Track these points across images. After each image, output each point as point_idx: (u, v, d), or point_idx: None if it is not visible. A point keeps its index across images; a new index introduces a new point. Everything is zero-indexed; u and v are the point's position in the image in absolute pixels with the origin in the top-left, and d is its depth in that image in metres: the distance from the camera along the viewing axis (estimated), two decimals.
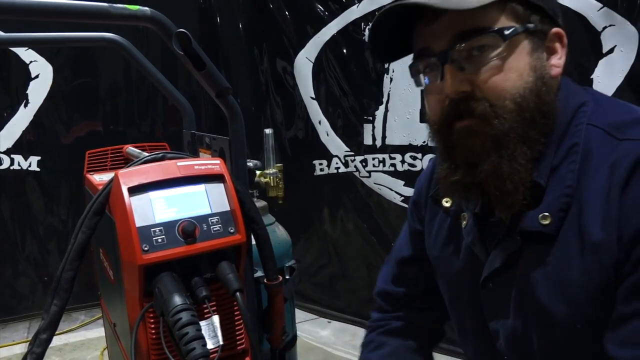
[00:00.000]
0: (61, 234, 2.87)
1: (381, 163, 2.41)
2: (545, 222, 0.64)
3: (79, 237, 0.86)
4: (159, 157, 0.96)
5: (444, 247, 0.83)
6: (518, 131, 0.64)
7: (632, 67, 1.63)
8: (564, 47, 0.68)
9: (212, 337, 0.85)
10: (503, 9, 0.64)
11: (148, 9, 0.90)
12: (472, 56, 0.64)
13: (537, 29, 0.65)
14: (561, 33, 0.68)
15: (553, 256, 0.65)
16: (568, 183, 0.64)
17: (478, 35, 0.63)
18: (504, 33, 0.63)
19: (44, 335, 0.83)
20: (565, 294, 0.64)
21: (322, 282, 2.82)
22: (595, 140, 0.64)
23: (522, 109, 0.64)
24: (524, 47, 0.64)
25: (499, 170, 0.64)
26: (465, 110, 0.65)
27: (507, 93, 0.63)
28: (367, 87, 2.42)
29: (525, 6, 0.65)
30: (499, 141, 0.64)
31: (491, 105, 0.64)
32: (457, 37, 0.64)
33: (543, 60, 0.66)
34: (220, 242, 0.86)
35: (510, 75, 0.64)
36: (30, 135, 2.76)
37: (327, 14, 2.51)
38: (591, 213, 0.62)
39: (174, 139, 2.45)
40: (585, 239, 0.62)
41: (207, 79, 0.93)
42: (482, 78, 0.64)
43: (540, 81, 0.65)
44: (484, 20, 0.63)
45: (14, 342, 2.64)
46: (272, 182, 1.56)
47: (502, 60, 0.63)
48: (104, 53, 2.84)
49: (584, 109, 0.67)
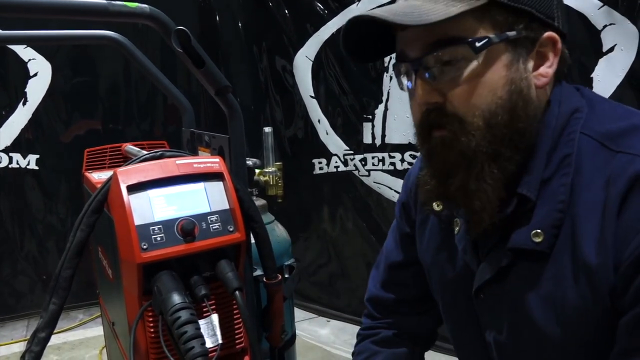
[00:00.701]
0: (60, 232, 2.87)
1: (381, 162, 2.41)
2: (537, 240, 0.61)
3: (78, 236, 0.86)
4: (158, 155, 0.96)
5: (438, 253, 0.79)
6: (486, 149, 0.60)
7: (633, 66, 1.63)
8: (556, 53, 0.63)
9: (211, 336, 0.85)
10: (481, 18, 0.59)
11: (147, 6, 0.90)
12: (443, 67, 0.61)
13: (520, 36, 0.60)
14: (554, 38, 0.62)
15: (546, 276, 0.62)
16: (560, 198, 0.60)
17: (448, 46, 0.59)
18: (476, 45, 0.58)
19: (43, 334, 0.83)
20: (560, 316, 0.61)
21: (322, 281, 2.82)
22: (588, 152, 0.60)
23: (491, 127, 0.60)
24: (501, 58, 0.60)
25: (467, 186, 0.62)
26: (436, 122, 0.63)
27: (477, 109, 0.60)
28: (366, 85, 2.42)
29: (507, 12, 0.59)
30: (467, 159, 0.61)
31: (460, 121, 0.60)
32: (428, 47, 0.61)
33: (524, 71, 0.61)
34: (220, 240, 0.86)
35: (481, 90, 0.59)
36: (29, 134, 2.76)
37: (327, 12, 2.51)
38: (585, 231, 0.58)
39: (174, 137, 2.45)
40: (578, 259, 0.59)
41: (207, 77, 0.93)
42: (453, 92, 0.61)
43: (516, 95, 0.60)
44: (458, 30, 0.59)
45: (12, 340, 2.64)
46: (271, 180, 1.56)
47: (473, 73, 0.59)
48: (103, 51, 2.84)
49: (577, 115, 0.63)
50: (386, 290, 0.92)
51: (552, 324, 0.62)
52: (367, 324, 0.96)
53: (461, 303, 0.76)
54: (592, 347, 0.61)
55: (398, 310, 0.92)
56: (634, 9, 1.60)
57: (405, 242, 0.89)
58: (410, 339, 0.92)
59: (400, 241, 0.90)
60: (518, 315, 0.66)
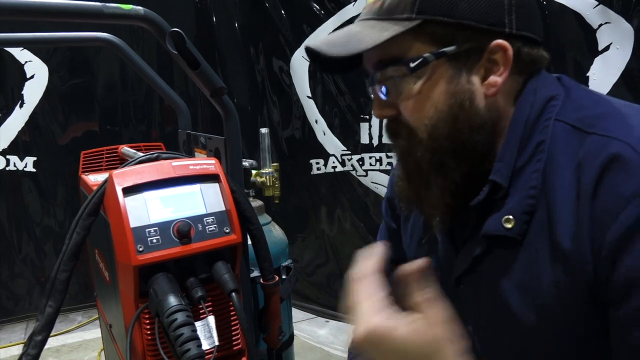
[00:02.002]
0: (58, 235, 2.86)
1: (378, 162, 2.41)
2: (508, 226, 0.61)
3: (74, 238, 0.86)
4: (154, 157, 0.96)
5: (420, 246, 0.80)
6: (431, 160, 0.63)
7: (628, 64, 1.63)
8: (507, 61, 0.60)
9: (207, 338, 0.85)
10: (417, 35, 0.60)
11: (141, 8, 0.90)
12: (391, 84, 0.64)
13: (461, 50, 0.60)
14: (503, 45, 0.60)
15: (520, 263, 0.62)
16: (532, 184, 0.60)
17: (388, 66, 0.62)
18: (410, 65, 0.60)
19: (39, 337, 0.82)
20: (536, 303, 0.61)
21: (320, 281, 2.82)
22: (561, 136, 0.60)
23: (434, 139, 0.62)
24: (441, 73, 0.61)
25: (419, 192, 0.66)
26: (395, 132, 0.67)
27: (422, 123, 0.63)
28: (363, 85, 2.42)
29: (446, 27, 0.59)
30: (418, 167, 0.65)
31: (410, 132, 0.64)
32: (374, 66, 0.65)
33: (467, 83, 0.61)
34: (216, 242, 0.86)
35: (423, 105, 0.62)
36: (26, 136, 2.76)
37: (324, 13, 2.51)
38: (560, 216, 0.58)
39: (171, 139, 2.45)
40: (555, 244, 0.58)
41: (202, 79, 0.93)
42: (401, 106, 0.64)
43: (457, 108, 0.61)
44: (396, 50, 0.61)
45: (10, 343, 2.63)
46: (268, 181, 1.56)
47: (414, 90, 0.62)
48: (99, 53, 2.84)
49: (553, 103, 0.63)
50: None
51: (527, 311, 0.62)
52: None
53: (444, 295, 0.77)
54: (568, 334, 0.61)
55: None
56: (629, 7, 1.60)
57: (393, 238, 0.90)
58: None
59: (389, 238, 0.92)
60: (495, 304, 0.66)
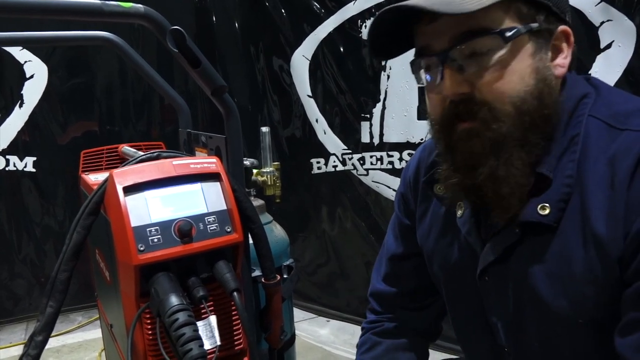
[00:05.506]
0: (58, 235, 2.85)
1: (379, 161, 2.41)
2: (543, 213, 0.63)
3: (74, 238, 0.85)
4: (154, 156, 0.95)
5: (440, 238, 0.81)
6: (516, 135, 0.63)
7: (630, 62, 1.63)
8: (570, 45, 0.67)
9: (209, 338, 0.84)
10: (507, 9, 0.62)
11: (141, 6, 0.89)
12: (472, 57, 0.63)
13: (541, 28, 0.64)
14: (568, 31, 0.67)
15: (553, 250, 0.64)
16: (568, 173, 0.63)
17: (478, 36, 0.62)
18: (505, 35, 0.61)
19: (40, 337, 0.82)
20: (568, 289, 0.63)
21: (321, 280, 2.82)
22: (594, 131, 0.64)
23: (522, 113, 0.63)
24: (526, 48, 0.63)
25: (497, 173, 0.64)
26: (465, 112, 0.65)
27: (507, 96, 0.62)
28: (364, 84, 2.41)
29: (530, 5, 0.63)
30: (498, 145, 0.63)
31: (490, 109, 0.63)
32: (457, 38, 0.63)
33: (546, 60, 0.65)
34: (217, 241, 0.85)
35: (511, 78, 0.62)
36: (26, 136, 2.75)
37: (324, 12, 2.50)
38: (593, 205, 0.61)
39: (171, 138, 2.44)
40: (587, 231, 0.61)
41: (203, 77, 0.92)
42: (482, 81, 0.63)
43: (542, 83, 0.64)
44: (486, 21, 0.62)
45: (11, 344, 2.63)
46: (269, 180, 1.56)
47: (503, 62, 0.62)
48: (99, 52, 2.83)
49: (586, 100, 0.66)
50: (387, 283, 0.94)
51: (558, 299, 0.64)
52: (370, 319, 0.98)
53: (465, 287, 0.78)
54: (598, 322, 0.63)
55: (399, 304, 0.94)
56: (632, 5, 1.60)
57: (405, 234, 0.90)
58: (413, 331, 0.93)
59: (400, 233, 0.92)
60: (523, 293, 0.68)
